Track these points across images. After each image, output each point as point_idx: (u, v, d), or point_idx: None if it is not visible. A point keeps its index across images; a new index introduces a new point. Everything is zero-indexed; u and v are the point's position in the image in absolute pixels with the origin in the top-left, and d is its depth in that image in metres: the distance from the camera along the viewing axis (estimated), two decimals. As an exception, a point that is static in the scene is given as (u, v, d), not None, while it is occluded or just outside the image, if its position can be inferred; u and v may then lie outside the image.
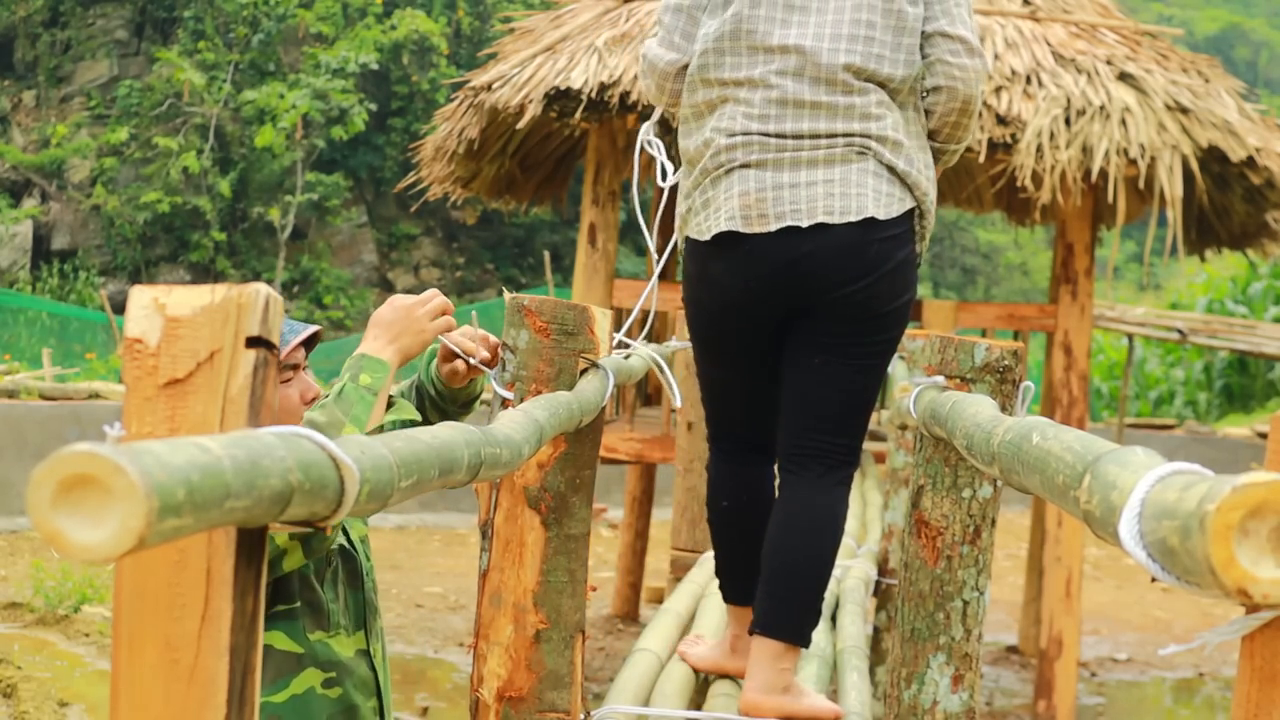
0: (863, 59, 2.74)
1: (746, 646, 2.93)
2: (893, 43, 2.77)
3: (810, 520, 2.80)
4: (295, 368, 2.23)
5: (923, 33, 2.83)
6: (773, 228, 2.74)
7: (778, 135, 2.74)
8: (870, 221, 2.73)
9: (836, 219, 2.72)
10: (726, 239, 2.77)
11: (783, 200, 2.74)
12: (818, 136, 2.74)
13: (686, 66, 2.89)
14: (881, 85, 2.77)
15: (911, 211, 2.80)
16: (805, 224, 2.72)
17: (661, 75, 2.91)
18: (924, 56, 2.84)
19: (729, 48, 2.80)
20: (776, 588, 2.79)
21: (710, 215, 2.79)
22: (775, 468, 3.02)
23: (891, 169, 2.75)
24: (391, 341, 2.25)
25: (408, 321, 2.26)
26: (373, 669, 2.35)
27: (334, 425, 2.10)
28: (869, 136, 2.74)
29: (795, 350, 2.83)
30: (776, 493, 2.95)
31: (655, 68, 2.92)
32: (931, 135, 2.89)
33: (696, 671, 3.13)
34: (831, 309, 2.76)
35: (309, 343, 2.27)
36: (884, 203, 2.74)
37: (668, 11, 2.91)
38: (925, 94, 2.87)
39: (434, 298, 2.30)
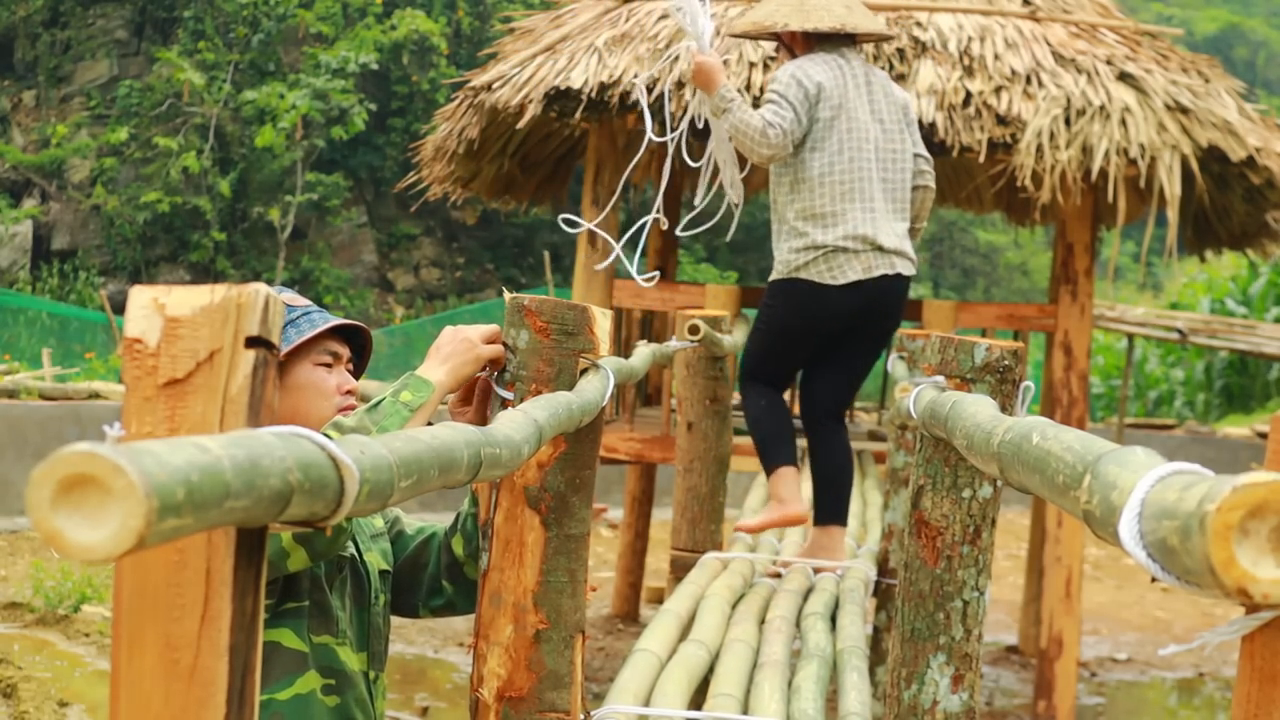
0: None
1: (794, 494, 4.58)
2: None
3: (840, 461, 4.66)
4: (337, 357, 2.29)
5: None
6: (871, 276, 4.51)
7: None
8: (907, 277, 4.60)
9: (902, 272, 4.56)
10: (853, 284, 4.52)
11: (871, 260, 4.51)
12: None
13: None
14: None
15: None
16: (890, 273, 4.52)
17: (770, 148, 4.41)
18: None
19: (842, 193, 4.51)
20: (830, 498, 4.64)
21: (838, 270, 4.48)
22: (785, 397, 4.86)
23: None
24: (443, 363, 2.23)
25: (460, 343, 2.24)
26: (371, 696, 2.34)
27: (360, 431, 2.09)
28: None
29: (851, 345, 4.65)
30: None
31: (770, 144, 4.41)
32: (915, 219, 4.68)
33: (752, 532, 4.88)
34: (877, 325, 4.63)
35: (356, 343, 2.33)
36: (909, 269, 4.61)
37: (789, 107, 4.43)
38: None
39: (492, 327, 2.31)
